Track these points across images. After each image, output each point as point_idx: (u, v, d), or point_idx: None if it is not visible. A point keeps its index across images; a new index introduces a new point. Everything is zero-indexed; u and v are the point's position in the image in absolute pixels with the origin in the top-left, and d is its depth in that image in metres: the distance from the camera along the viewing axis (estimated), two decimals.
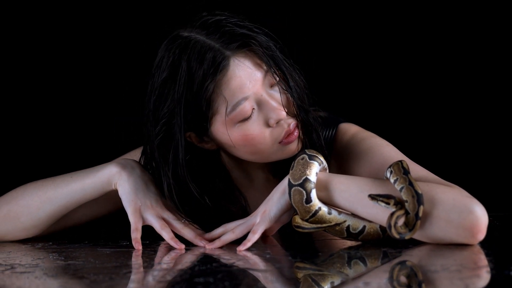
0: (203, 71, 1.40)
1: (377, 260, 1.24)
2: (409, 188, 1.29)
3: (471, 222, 1.26)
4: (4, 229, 1.52)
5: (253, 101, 1.42)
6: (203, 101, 1.41)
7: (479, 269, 1.11)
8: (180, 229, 1.44)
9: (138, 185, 1.44)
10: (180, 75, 1.41)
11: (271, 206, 1.40)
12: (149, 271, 1.19)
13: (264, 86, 1.44)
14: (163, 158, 1.44)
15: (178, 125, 1.42)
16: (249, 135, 1.43)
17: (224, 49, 1.41)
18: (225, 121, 1.42)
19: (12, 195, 1.53)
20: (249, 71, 1.42)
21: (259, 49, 1.43)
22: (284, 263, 1.26)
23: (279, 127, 1.44)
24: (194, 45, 1.42)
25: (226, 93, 1.41)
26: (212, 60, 1.40)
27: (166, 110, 1.43)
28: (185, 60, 1.41)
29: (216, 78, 1.40)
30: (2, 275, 1.15)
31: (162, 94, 1.43)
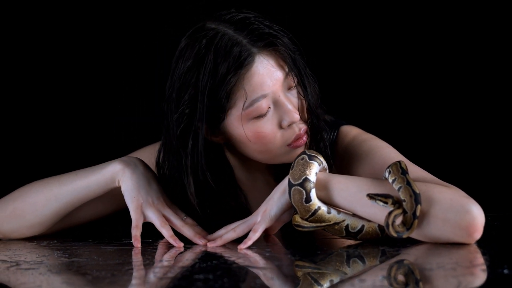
0: (228, 64, 1.42)
1: (376, 259, 1.25)
2: (407, 187, 1.31)
3: (468, 221, 1.28)
4: (10, 226, 1.55)
5: (270, 100, 1.45)
6: (224, 93, 1.43)
7: (473, 268, 1.13)
8: (180, 227, 1.46)
9: (141, 182, 1.47)
10: (205, 65, 1.43)
11: (272, 206, 1.43)
12: (150, 268, 1.22)
13: (283, 87, 1.47)
14: (182, 146, 1.47)
15: (200, 113, 1.44)
16: (261, 133, 1.46)
17: (251, 45, 1.44)
18: (241, 115, 1.44)
19: (17, 193, 1.56)
20: (271, 70, 1.45)
21: (284, 50, 1.46)
22: (284, 261, 1.28)
23: (290, 130, 1.47)
24: (222, 37, 1.44)
25: (247, 88, 1.43)
26: (238, 54, 1.43)
27: (187, 98, 1.45)
28: (212, 51, 1.43)
29: (239, 72, 1.42)
30: (7, 272, 1.17)
31: (185, 82, 1.46)
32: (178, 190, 1.50)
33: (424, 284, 1.03)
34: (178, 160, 1.48)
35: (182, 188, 1.49)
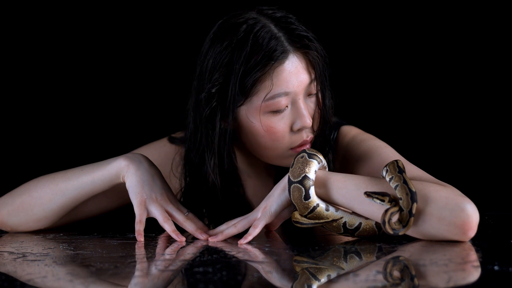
0: (263, 53, 1.47)
1: (372, 255, 1.28)
2: (404, 186, 1.34)
3: (463, 219, 1.31)
4: (17, 220, 1.58)
5: (290, 100, 1.50)
6: (252, 80, 1.48)
7: (465, 264, 1.16)
8: (183, 222, 1.49)
9: (145, 179, 1.50)
10: (243, 49, 1.48)
11: (272, 202, 1.46)
12: (152, 261, 1.25)
13: (304, 91, 1.52)
14: (211, 126, 1.51)
15: (232, 94, 1.48)
16: (273, 128, 1.50)
17: (287, 43, 1.50)
18: (260, 105, 1.48)
19: (25, 187, 1.59)
20: (300, 71, 1.50)
21: (316, 56, 1.52)
22: (283, 256, 1.31)
23: (299, 134, 1.52)
24: (262, 28, 1.50)
25: (274, 81, 1.48)
26: (274, 47, 1.48)
27: (217, 76, 1.50)
28: (251, 38, 1.48)
29: (271, 64, 1.47)
30: (14, 263, 1.21)
31: (219, 61, 1.50)
32: (200, 167, 1.55)
33: (417, 279, 1.06)
34: (206, 139, 1.52)
35: (203, 165, 1.54)
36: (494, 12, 2.31)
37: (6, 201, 1.58)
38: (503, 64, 2.33)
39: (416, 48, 2.36)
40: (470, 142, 2.35)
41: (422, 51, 2.35)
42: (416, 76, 2.37)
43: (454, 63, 2.36)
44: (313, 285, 1.06)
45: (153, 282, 1.07)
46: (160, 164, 1.68)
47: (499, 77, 2.34)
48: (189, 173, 1.60)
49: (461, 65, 2.35)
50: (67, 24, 2.34)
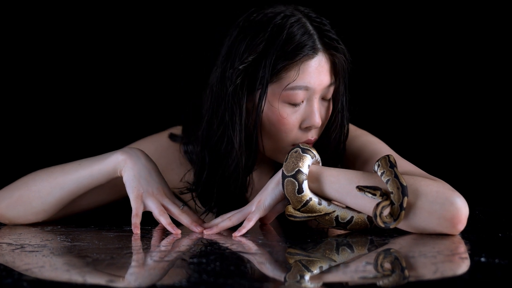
0: (296, 44, 1.52)
1: (364, 247, 1.31)
2: (395, 180, 1.37)
3: (452, 213, 1.34)
4: (16, 212, 1.60)
5: (307, 96, 1.54)
6: (281, 66, 1.52)
7: (453, 256, 1.18)
8: (178, 215, 1.51)
9: (142, 173, 1.52)
10: (279, 35, 1.52)
11: (266, 196, 1.49)
12: (148, 252, 1.27)
13: (321, 92, 1.55)
14: (239, 103, 1.54)
15: (262, 75, 1.52)
16: (283, 119, 1.53)
17: (319, 42, 1.54)
18: (279, 93, 1.52)
19: (23, 181, 1.61)
20: (323, 72, 1.54)
21: (343, 60, 1.57)
22: (276, 248, 1.33)
23: (305, 132, 1.56)
24: (298, 21, 1.54)
25: (300, 73, 1.52)
26: (306, 41, 1.52)
27: (248, 55, 1.53)
28: (287, 27, 1.52)
29: (301, 56, 1.51)
30: (12, 253, 1.24)
31: (252, 43, 1.53)
32: (224, 144, 1.57)
33: (408, 271, 1.08)
34: (230, 116, 1.54)
35: (229, 142, 1.55)
36: (494, 12, 2.33)
37: (5, 194, 1.60)
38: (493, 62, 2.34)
39: (407, 45, 2.38)
40: (464, 140, 2.37)
41: (413, 47, 2.37)
42: (408, 75, 2.38)
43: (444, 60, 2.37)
44: (305, 276, 1.08)
45: (149, 272, 1.10)
46: (159, 157, 1.70)
47: (491, 75, 2.35)
48: (209, 156, 1.60)
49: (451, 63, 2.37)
50: (67, 24, 2.35)
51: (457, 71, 2.37)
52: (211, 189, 1.62)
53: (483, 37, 2.35)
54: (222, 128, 1.56)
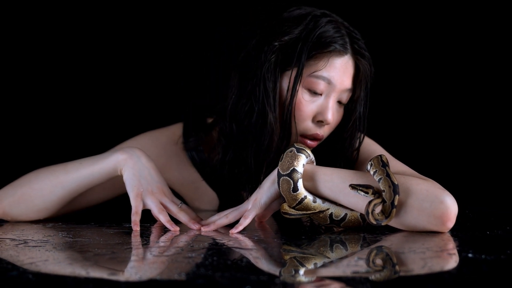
0: (332, 37, 1.59)
1: (357, 245, 1.35)
2: (386, 179, 1.41)
3: (441, 211, 1.39)
4: (18, 210, 1.64)
5: (327, 90, 1.60)
6: (313, 51, 1.58)
7: (441, 252, 1.23)
8: (176, 213, 1.55)
9: (142, 173, 1.57)
10: (318, 25, 1.60)
11: (262, 194, 1.53)
12: (147, 248, 1.31)
13: (340, 92, 1.62)
14: (273, 82, 1.59)
15: (303, 60, 1.58)
16: (301, 105, 1.60)
17: (349, 44, 1.61)
18: (304, 77, 1.59)
19: (25, 179, 1.65)
20: (347, 74, 1.61)
21: (368, 69, 1.64)
22: (271, 245, 1.37)
23: (315, 126, 1.62)
24: (335, 22, 1.62)
25: (328, 64, 1.58)
26: (339, 39, 1.60)
27: (287, 39, 1.59)
28: (326, 21, 1.61)
29: (334, 48, 1.59)
30: (16, 248, 1.27)
31: (290, 28, 1.61)
32: (256, 124, 1.61)
33: (399, 266, 1.13)
34: (263, 92, 1.59)
35: (261, 117, 1.60)
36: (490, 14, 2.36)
37: (7, 192, 1.64)
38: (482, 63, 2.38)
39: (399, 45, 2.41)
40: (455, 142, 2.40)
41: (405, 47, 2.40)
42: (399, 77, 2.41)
43: (435, 61, 2.40)
44: (300, 271, 1.12)
45: (149, 266, 1.14)
46: (158, 154, 1.76)
47: (480, 78, 2.39)
48: (238, 130, 1.64)
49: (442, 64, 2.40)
50: (67, 24, 2.37)
51: (447, 73, 2.40)
52: (240, 165, 1.65)
53: (475, 38, 2.38)
54: (253, 104, 1.61)
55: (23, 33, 2.35)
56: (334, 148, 1.68)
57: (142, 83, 2.42)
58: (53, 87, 2.39)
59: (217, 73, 2.35)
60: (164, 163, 1.78)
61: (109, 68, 2.41)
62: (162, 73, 2.44)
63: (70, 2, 2.37)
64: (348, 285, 1.02)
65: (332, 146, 1.68)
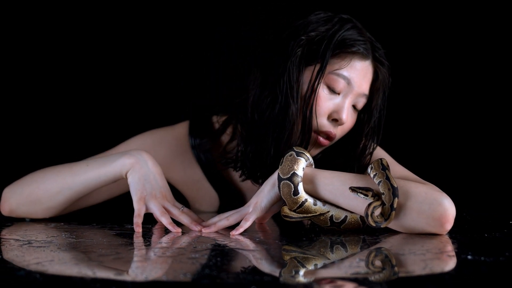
0: (355, 40, 1.63)
1: (357, 246, 1.37)
2: (386, 182, 1.43)
3: (440, 213, 1.41)
4: (26, 209, 1.66)
5: (345, 90, 1.63)
6: (337, 49, 1.61)
7: (441, 254, 1.25)
8: (178, 216, 1.57)
9: (147, 177, 1.58)
10: (344, 26, 1.64)
11: (262, 198, 1.55)
12: (150, 248, 1.33)
13: (356, 96, 1.65)
14: (297, 74, 1.62)
15: (327, 56, 1.61)
16: (318, 99, 1.62)
17: (371, 50, 1.65)
18: (326, 73, 1.61)
19: (33, 178, 1.67)
20: (366, 78, 1.65)
21: (386, 77, 1.67)
22: (272, 246, 1.39)
23: (330, 124, 1.64)
24: (359, 28, 1.66)
25: (350, 64, 1.62)
26: (362, 44, 1.63)
27: (314, 34, 1.62)
28: (352, 25, 1.65)
29: (357, 50, 1.62)
30: (21, 248, 1.29)
31: (318, 27, 1.64)
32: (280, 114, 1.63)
33: (398, 268, 1.14)
34: (290, 86, 1.62)
35: (285, 112, 1.62)
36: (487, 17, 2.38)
37: (15, 191, 1.66)
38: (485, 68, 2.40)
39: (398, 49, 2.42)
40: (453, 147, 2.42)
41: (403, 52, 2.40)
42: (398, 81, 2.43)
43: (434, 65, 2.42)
44: (300, 271, 1.13)
45: (154, 266, 1.15)
46: (164, 152, 1.79)
47: (480, 79, 2.41)
48: (260, 120, 1.66)
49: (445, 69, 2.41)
50: (67, 24, 2.38)
51: (445, 76, 2.41)
52: (261, 156, 1.67)
53: (474, 41, 2.40)
54: (276, 96, 1.63)
55: (24, 33, 2.36)
56: (349, 155, 1.69)
57: (143, 82, 2.43)
58: (55, 89, 2.40)
59: (217, 73, 2.37)
60: (169, 162, 1.80)
61: (109, 68, 2.42)
62: (163, 73, 2.45)
63: (70, 2, 2.38)
64: (361, 284, 1.04)
65: (347, 152, 1.70)
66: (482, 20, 2.39)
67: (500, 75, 2.39)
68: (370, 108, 1.68)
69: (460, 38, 2.40)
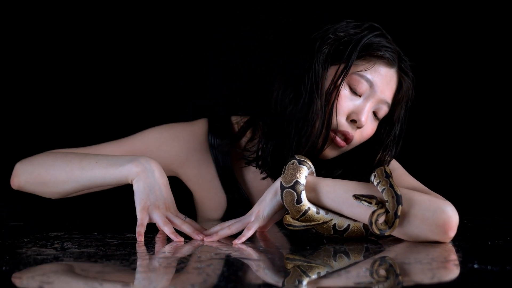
0: (382, 45, 1.64)
1: (360, 255, 1.36)
2: (390, 189, 1.43)
3: (443, 220, 1.41)
4: (33, 188, 1.72)
5: (367, 94, 1.63)
6: (363, 51, 1.62)
7: (447, 262, 1.25)
8: (180, 225, 1.56)
9: (152, 187, 1.57)
10: (373, 32, 1.65)
11: (264, 207, 1.55)
12: (155, 258, 1.32)
13: (378, 101, 1.64)
14: (322, 70, 1.63)
15: (353, 56, 1.62)
16: (340, 99, 1.62)
17: (397, 61, 1.66)
18: (349, 73, 1.62)
19: (43, 160, 1.70)
20: (389, 86, 1.65)
21: (409, 88, 1.67)
22: (276, 255, 1.38)
23: (348, 125, 1.64)
24: (388, 37, 1.67)
25: (374, 68, 1.62)
26: (389, 52, 1.64)
27: (342, 35, 1.64)
28: (380, 32, 1.66)
29: (382, 55, 1.63)
30: (24, 260, 1.27)
31: (347, 29, 1.66)
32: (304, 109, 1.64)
33: (401, 277, 1.14)
34: (315, 82, 1.62)
35: (308, 108, 1.63)
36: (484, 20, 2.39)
37: (26, 169, 1.70)
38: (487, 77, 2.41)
39: None
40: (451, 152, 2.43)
41: None
42: None
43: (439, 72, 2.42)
44: (303, 281, 1.13)
45: (161, 278, 1.14)
46: (179, 148, 1.81)
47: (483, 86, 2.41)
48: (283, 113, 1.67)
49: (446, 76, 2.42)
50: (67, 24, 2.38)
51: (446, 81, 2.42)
52: (283, 150, 1.67)
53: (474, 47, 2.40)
54: (300, 92, 1.64)
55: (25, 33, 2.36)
56: (365, 164, 1.69)
57: (142, 83, 2.42)
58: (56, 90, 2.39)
59: (217, 73, 2.37)
60: (183, 157, 1.81)
61: (109, 68, 2.41)
62: (162, 73, 2.44)
63: (70, 2, 2.37)
64: None
65: (364, 160, 1.70)
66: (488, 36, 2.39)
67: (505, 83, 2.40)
68: (391, 119, 1.68)
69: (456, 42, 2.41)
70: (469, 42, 2.41)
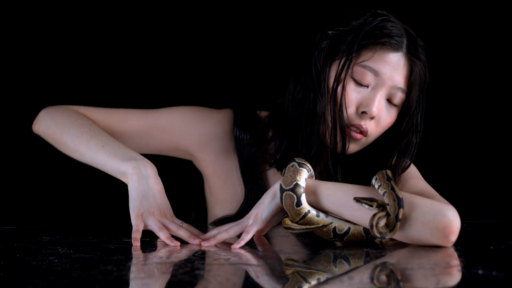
0: (385, 31, 1.59)
1: (360, 260, 1.34)
2: (391, 192, 1.41)
3: (445, 224, 1.39)
4: (49, 139, 1.76)
5: (374, 83, 1.58)
6: (363, 41, 1.58)
7: (450, 268, 1.23)
8: (176, 231, 1.54)
9: (145, 194, 1.55)
10: (375, 19, 1.61)
11: (263, 209, 1.52)
12: (153, 264, 1.30)
13: (389, 89, 1.60)
14: (324, 67, 1.61)
15: (352, 49, 1.59)
16: (346, 93, 1.59)
17: (405, 44, 1.60)
18: (352, 66, 1.58)
19: (62, 120, 1.74)
20: (398, 71, 1.59)
21: (421, 71, 1.62)
22: (275, 260, 1.36)
23: (360, 117, 1.60)
24: (396, 23, 1.62)
25: (377, 55, 1.58)
26: (395, 36, 1.59)
27: (341, 29, 1.62)
28: (384, 18, 1.62)
29: (384, 42, 1.58)
30: (19, 266, 1.25)
31: (347, 21, 1.63)
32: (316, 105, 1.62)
33: (405, 283, 1.12)
34: (317, 81, 1.61)
35: (313, 107, 1.61)
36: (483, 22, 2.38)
37: (45, 121, 1.76)
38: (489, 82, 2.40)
39: None
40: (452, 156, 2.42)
41: None
42: None
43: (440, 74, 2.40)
44: (303, 287, 1.11)
45: (159, 284, 1.12)
46: (201, 132, 1.80)
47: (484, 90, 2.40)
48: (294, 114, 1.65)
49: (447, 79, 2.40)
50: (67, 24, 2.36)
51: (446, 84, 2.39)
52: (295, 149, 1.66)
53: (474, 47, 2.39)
54: (306, 91, 1.62)
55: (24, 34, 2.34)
56: (383, 159, 1.66)
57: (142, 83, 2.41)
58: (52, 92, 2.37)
59: None
60: (204, 142, 1.79)
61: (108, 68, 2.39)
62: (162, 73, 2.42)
63: (70, 3, 2.35)
64: None
65: (382, 156, 1.67)
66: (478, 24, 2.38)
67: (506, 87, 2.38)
68: (408, 103, 1.63)
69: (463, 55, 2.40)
70: (469, 42, 2.40)
